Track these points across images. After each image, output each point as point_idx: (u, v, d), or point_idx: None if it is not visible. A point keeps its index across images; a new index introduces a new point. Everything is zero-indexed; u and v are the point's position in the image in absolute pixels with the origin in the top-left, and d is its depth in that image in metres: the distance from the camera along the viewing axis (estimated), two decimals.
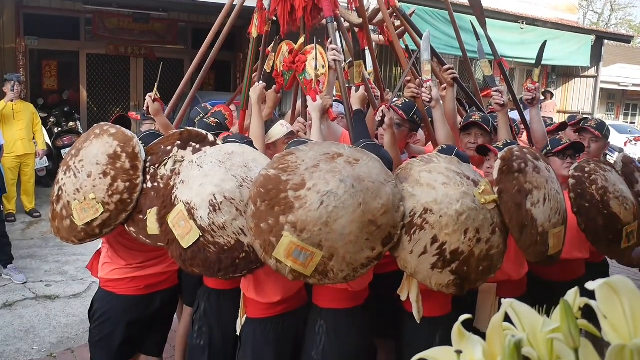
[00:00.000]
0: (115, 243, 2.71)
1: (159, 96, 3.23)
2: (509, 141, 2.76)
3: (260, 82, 3.11)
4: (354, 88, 3.00)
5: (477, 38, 3.74)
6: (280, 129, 3.03)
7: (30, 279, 5.22)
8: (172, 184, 2.32)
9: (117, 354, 2.77)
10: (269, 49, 3.39)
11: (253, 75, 3.43)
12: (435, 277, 2.14)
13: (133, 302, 2.73)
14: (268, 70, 3.34)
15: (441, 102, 3.05)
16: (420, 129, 3.35)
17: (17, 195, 7.08)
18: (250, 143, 2.60)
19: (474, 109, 3.70)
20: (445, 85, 3.49)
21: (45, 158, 7.59)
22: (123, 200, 2.42)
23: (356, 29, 3.69)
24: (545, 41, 3.78)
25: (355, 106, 2.92)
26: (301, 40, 3.26)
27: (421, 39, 3.30)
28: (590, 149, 3.77)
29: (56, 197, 2.55)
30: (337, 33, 3.13)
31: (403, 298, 2.35)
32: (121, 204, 2.42)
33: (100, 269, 2.80)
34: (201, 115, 3.63)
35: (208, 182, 2.20)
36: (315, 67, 3.05)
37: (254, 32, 3.33)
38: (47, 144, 7.66)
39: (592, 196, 2.80)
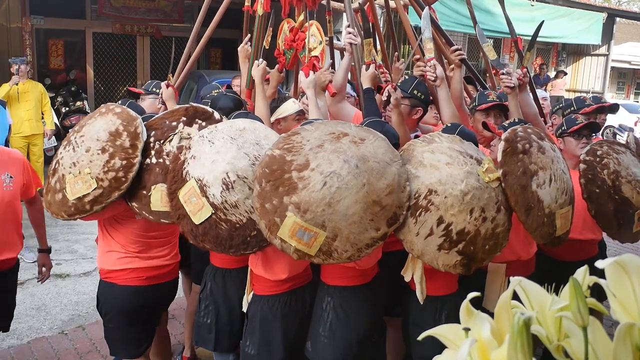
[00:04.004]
0: (109, 228, 2.67)
1: (172, 81, 3.23)
2: (516, 120, 2.73)
3: (261, 60, 3.08)
4: (363, 67, 2.97)
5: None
6: (292, 105, 3.04)
7: None
8: (182, 158, 2.32)
9: (135, 344, 2.77)
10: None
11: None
12: (442, 258, 2.14)
13: (136, 292, 2.68)
14: (267, 47, 3.31)
15: (446, 81, 3.01)
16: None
17: None
18: None
19: (480, 88, 3.65)
20: (453, 65, 3.44)
21: (53, 138, 7.61)
22: (118, 178, 2.40)
23: (365, 7, 3.63)
24: (542, 22, 3.68)
25: (365, 85, 2.90)
26: (300, 17, 3.23)
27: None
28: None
29: (52, 170, 2.53)
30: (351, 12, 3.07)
31: (407, 279, 2.36)
32: (115, 182, 2.39)
33: (99, 261, 2.74)
34: (216, 91, 3.60)
35: (220, 159, 2.20)
36: (321, 42, 3.01)
37: (259, 9, 3.30)
38: (55, 123, 7.67)
39: (603, 181, 2.77)
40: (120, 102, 2.99)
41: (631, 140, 3.20)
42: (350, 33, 2.93)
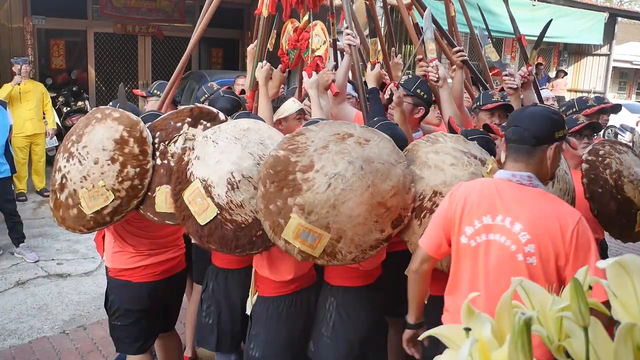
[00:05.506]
0: (121, 231, 2.67)
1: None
2: None
3: (265, 61, 3.09)
4: (369, 66, 2.96)
5: (486, 25, 3.65)
6: (292, 104, 3.04)
7: (42, 257, 5.28)
8: (186, 159, 2.31)
9: (144, 339, 2.77)
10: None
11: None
12: (446, 259, 2.13)
13: (151, 288, 2.69)
14: (271, 49, 3.31)
15: (448, 81, 3.01)
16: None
17: (27, 174, 7.13)
18: None
19: (482, 89, 3.65)
20: (454, 67, 3.44)
21: (55, 137, 7.63)
22: (134, 187, 2.37)
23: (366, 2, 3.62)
24: (550, 20, 3.68)
25: (371, 84, 2.89)
26: (305, 18, 3.23)
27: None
28: None
29: (59, 185, 2.46)
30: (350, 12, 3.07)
31: None
32: (132, 190, 2.37)
33: (111, 260, 2.73)
34: (206, 95, 3.62)
35: (225, 159, 2.19)
36: (326, 42, 3.01)
37: (264, 11, 3.30)
38: (57, 124, 7.69)
39: (606, 181, 2.77)
40: (111, 103, 2.97)
41: (637, 140, 3.19)
42: (349, 34, 2.93)
